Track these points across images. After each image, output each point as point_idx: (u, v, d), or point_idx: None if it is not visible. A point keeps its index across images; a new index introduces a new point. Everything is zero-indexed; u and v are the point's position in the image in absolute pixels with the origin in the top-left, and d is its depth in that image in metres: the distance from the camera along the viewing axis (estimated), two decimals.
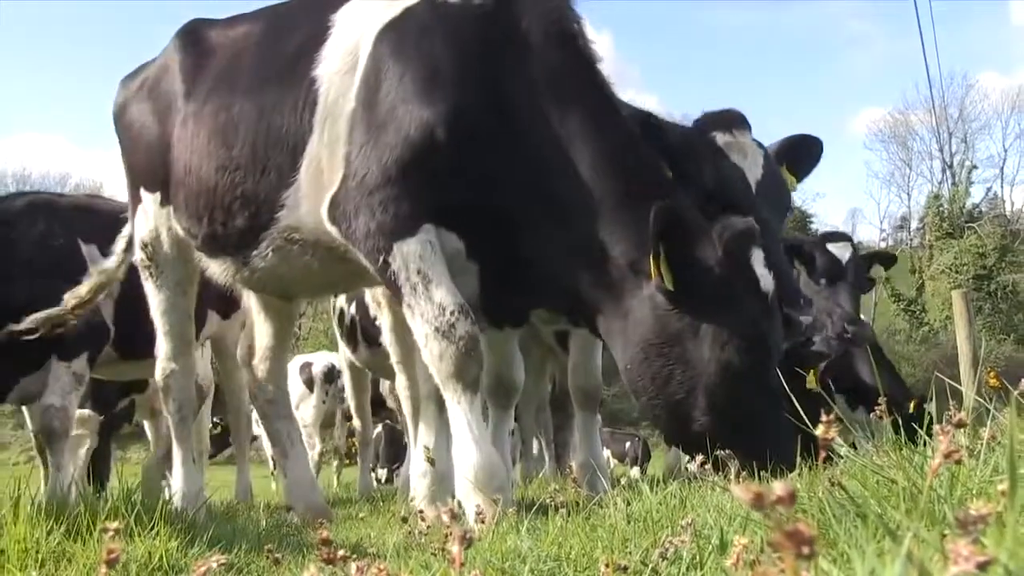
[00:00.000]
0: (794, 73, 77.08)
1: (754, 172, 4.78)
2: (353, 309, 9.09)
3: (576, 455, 5.69)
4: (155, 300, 5.74)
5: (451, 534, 1.06)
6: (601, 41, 4.58)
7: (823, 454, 1.38)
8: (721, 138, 4.84)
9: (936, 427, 2.29)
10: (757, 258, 4.00)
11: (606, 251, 4.07)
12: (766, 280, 3.99)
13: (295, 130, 4.59)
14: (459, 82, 4.23)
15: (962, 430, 1.73)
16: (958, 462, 1.49)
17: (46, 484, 6.08)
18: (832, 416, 1.36)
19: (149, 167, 5.54)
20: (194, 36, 5.52)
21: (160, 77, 5.58)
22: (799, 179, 4.67)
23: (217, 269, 5.26)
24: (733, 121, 4.92)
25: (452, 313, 4.10)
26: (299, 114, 4.58)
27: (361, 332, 9.00)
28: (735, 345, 3.91)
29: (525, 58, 4.26)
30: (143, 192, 5.64)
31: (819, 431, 1.31)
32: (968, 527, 0.89)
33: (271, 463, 13.46)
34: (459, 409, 4.12)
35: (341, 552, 1.36)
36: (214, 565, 1.29)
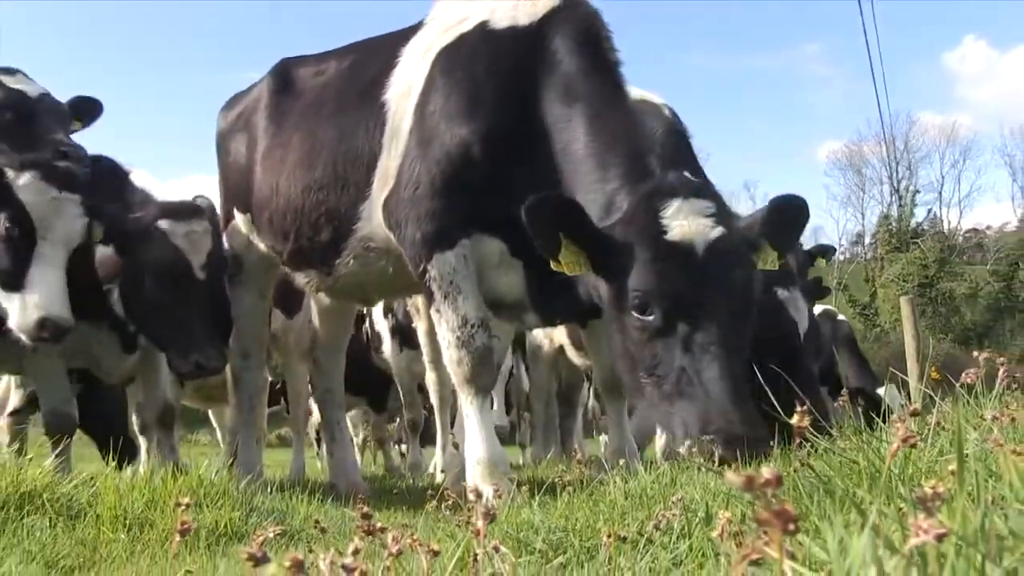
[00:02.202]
0: (764, 110, 77.16)
1: (802, 325, 4.96)
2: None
3: (609, 442, 5.46)
4: (238, 304, 5.74)
5: (475, 510, 1.05)
6: None
7: (797, 440, 1.36)
8: (781, 293, 4.91)
9: (893, 415, 2.28)
10: (679, 209, 3.41)
11: None
12: (682, 229, 3.38)
13: (368, 148, 4.53)
14: (496, 101, 4.10)
15: (919, 419, 1.70)
16: (913, 446, 1.48)
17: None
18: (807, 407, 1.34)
19: (241, 191, 5.53)
20: (284, 74, 5.47)
21: (253, 110, 5.55)
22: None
23: (303, 280, 5.23)
24: (789, 279, 5.01)
25: (473, 326, 4.07)
26: (371, 134, 4.52)
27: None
28: (634, 305, 3.42)
29: (552, 72, 4.08)
30: (235, 211, 5.64)
31: (794, 420, 1.29)
32: (927, 504, 0.87)
33: (315, 445, 13.42)
34: (470, 409, 4.10)
35: (379, 524, 1.34)
36: (271, 534, 1.28)
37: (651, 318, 3.38)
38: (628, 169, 3.71)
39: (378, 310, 8.62)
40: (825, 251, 7.70)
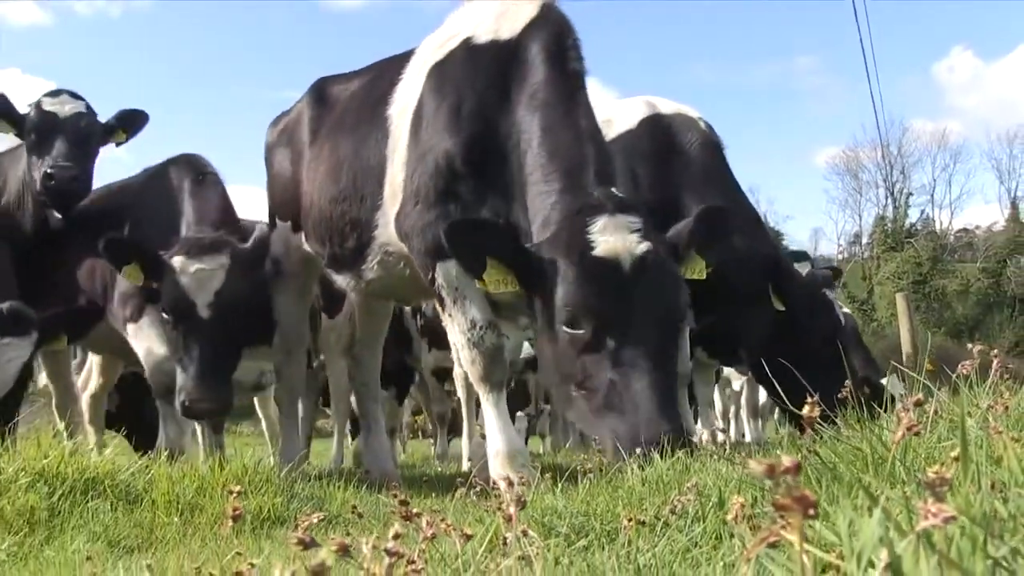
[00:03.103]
0: (764, 120, 76.73)
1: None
2: None
3: None
4: (280, 304, 5.76)
5: (506, 497, 1.05)
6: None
7: (808, 430, 1.35)
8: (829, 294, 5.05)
9: (898, 405, 2.25)
10: (605, 225, 3.35)
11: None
12: (608, 244, 3.32)
13: (377, 161, 4.53)
14: (476, 115, 4.05)
15: (918, 408, 1.68)
16: (916, 434, 1.46)
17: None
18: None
19: (283, 200, 5.58)
20: (319, 92, 5.49)
21: (295, 125, 5.58)
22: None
23: (341, 281, 5.25)
24: (829, 283, 5.16)
25: (481, 328, 4.04)
26: (379, 147, 4.53)
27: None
28: (562, 320, 3.36)
29: (523, 81, 4.01)
30: (278, 219, 5.69)
31: (804, 410, 1.28)
32: (935, 488, 0.86)
33: (349, 437, 13.47)
34: (487, 404, 4.08)
35: (415, 510, 1.34)
36: (314, 520, 1.28)
37: (580, 332, 3.32)
38: (564, 184, 3.65)
39: (408, 310, 8.62)
40: (837, 272, 7.76)
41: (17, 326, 4.76)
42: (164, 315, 4.91)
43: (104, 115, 5.83)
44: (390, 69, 4.82)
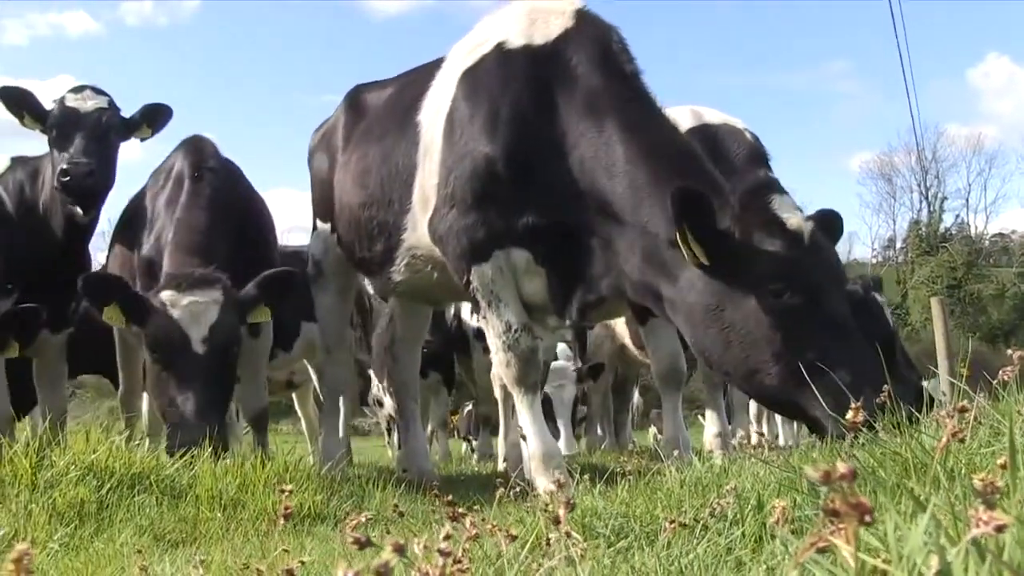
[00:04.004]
0: (798, 125, 75.66)
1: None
2: None
3: (664, 431, 5.41)
4: (320, 304, 5.82)
5: (555, 499, 1.05)
6: None
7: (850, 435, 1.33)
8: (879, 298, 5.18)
9: (942, 412, 2.21)
10: (780, 203, 3.50)
11: (652, 237, 3.63)
12: (793, 219, 3.44)
13: (407, 166, 4.56)
14: (516, 120, 4.05)
15: (963, 415, 1.65)
16: (961, 441, 1.44)
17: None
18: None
19: (322, 202, 5.65)
20: (355, 98, 5.57)
21: (331, 131, 5.66)
22: None
23: (371, 283, 5.32)
24: (878, 287, 5.41)
25: (516, 331, 4.07)
26: (409, 153, 4.56)
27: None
28: (773, 291, 3.34)
29: (572, 87, 4.00)
30: (318, 221, 5.77)
31: (848, 416, 1.26)
32: (987, 496, 0.84)
33: (386, 434, 13.53)
34: (522, 407, 4.11)
35: (460, 510, 1.34)
36: (363, 519, 1.28)
37: (794, 301, 3.35)
38: (681, 170, 3.66)
39: (467, 310, 8.62)
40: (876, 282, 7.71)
41: None
42: (150, 355, 4.61)
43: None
44: (421, 76, 4.86)
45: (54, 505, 3.38)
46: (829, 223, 3.75)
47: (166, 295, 4.56)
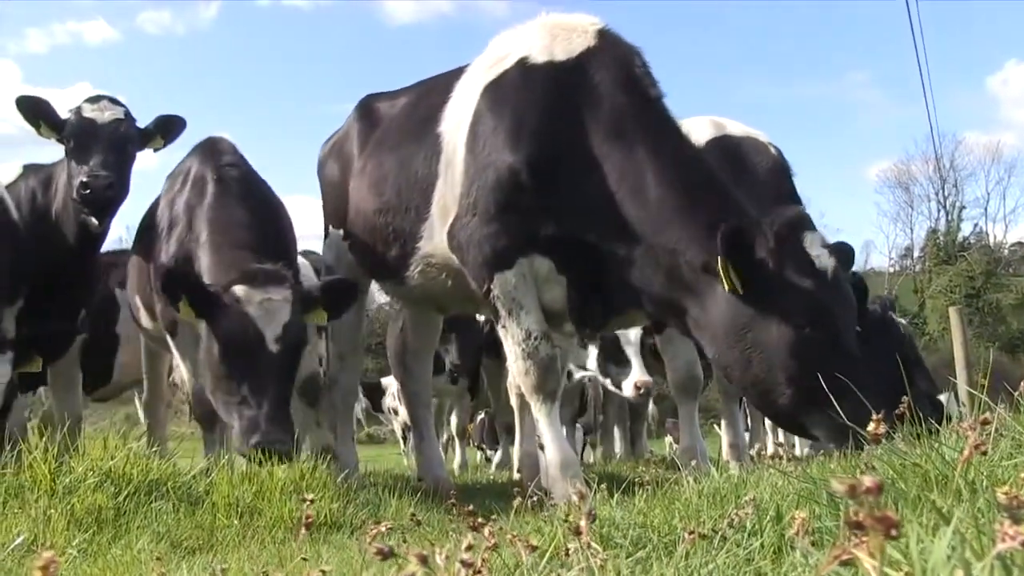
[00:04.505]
0: (816, 134, 75.19)
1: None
2: None
3: (681, 440, 5.41)
4: None
5: (577, 509, 1.04)
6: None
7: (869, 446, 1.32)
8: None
9: (956, 421, 2.19)
10: (811, 240, 3.69)
11: (680, 258, 3.78)
12: (822, 258, 3.65)
13: (426, 176, 4.62)
14: (540, 132, 4.14)
15: (985, 427, 1.63)
16: (984, 453, 1.43)
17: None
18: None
19: (335, 210, 5.69)
20: (367, 108, 5.64)
21: (344, 140, 5.72)
22: None
23: (384, 289, 5.38)
24: (893, 306, 5.52)
25: (536, 338, 4.10)
26: (429, 163, 4.61)
27: None
28: (798, 322, 3.56)
29: (596, 105, 4.10)
30: (331, 228, 5.81)
31: (869, 428, 1.25)
32: (1012, 509, 0.83)
33: (402, 442, 13.54)
34: (540, 415, 4.14)
35: (479, 519, 1.34)
36: (383, 528, 1.28)
37: (820, 335, 3.58)
38: (722, 202, 3.84)
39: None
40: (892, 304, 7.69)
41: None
42: (217, 350, 4.41)
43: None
44: (437, 88, 4.92)
45: (72, 511, 3.40)
46: (844, 255, 3.88)
47: (239, 290, 4.37)
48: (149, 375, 6.43)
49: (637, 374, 7.55)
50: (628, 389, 7.63)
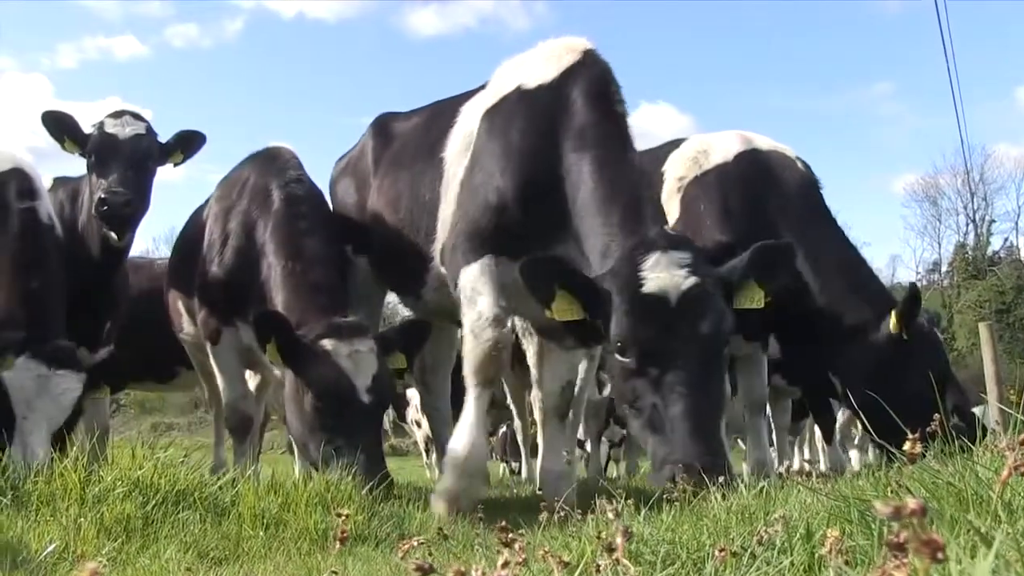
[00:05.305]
0: (841, 145, 74.68)
1: None
2: None
3: (749, 453, 5.46)
4: None
5: (614, 526, 1.04)
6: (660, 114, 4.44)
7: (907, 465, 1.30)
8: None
9: (990, 438, 2.16)
10: (656, 262, 3.54)
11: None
12: (654, 283, 3.51)
13: (432, 198, 4.76)
14: (527, 153, 4.25)
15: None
16: (1023, 474, 1.40)
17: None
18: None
19: (349, 225, 5.74)
20: (382, 126, 5.74)
21: (359, 157, 5.82)
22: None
23: (402, 300, 5.54)
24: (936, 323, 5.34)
25: (486, 320, 4.17)
26: (435, 186, 4.75)
27: None
28: (616, 348, 3.59)
29: (569, 122, 4.19)
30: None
31: (906, 446, 1.24)
32: None
33: (424, 455, 13.55)
34: (469, 398, 4.24)
35: (511, 535, 1.34)
36: (415, 543, 1.29)
37: (628, 361, 3.53)
38: (622, 220, 3.82)
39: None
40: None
41: (71, 361, 4.76)
42: (309, 402, 4.50)
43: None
44: (446, 112, 5.05)
45: (102, 520, 3.42)
46: (764, 259, 3.78)
47: (329, 343, 4.47)
48: (207, 382, 6.52)
49: None
50: None
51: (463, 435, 4.23)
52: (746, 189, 5.17)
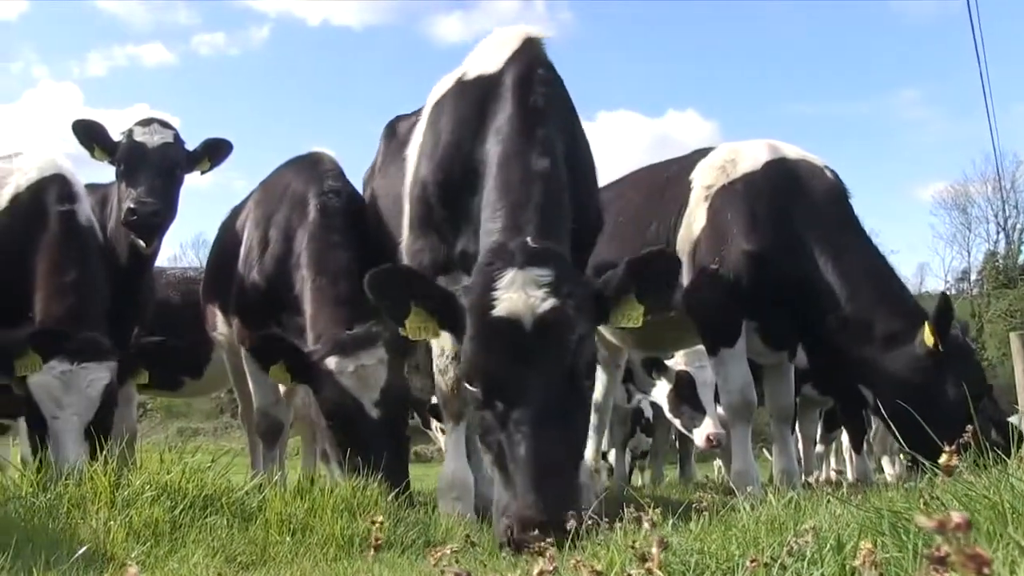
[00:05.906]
0: (868, 152, 74.00)
1: None
2: None
3: (733, 464, 5.35)
4: None
5: (649, 538, 1.04)
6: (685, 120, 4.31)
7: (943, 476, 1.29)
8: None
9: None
10: (512, 280, 3.19)
11: None
12: (504, 304, 3.15)
13: (397, 198, 4.71)
14: (452, 145, 4.13)
15: None
16: None
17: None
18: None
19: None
20: (391, 127, 5.71)
21: (376, 159, 5.80)
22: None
23: None
24: (966, 330, 5.44)
25: (448, 356, 4.06)
26: (402, 183, 4.67)
27: None
28: (462, 375, 3.44)
29: (496, 114, 4.00)
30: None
31: (942, 459, 1.22)
32: None
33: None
34: (446, 430, 4.32)
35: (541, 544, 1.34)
36: (448, 552, 1.29)
37: (475, 390, 3.21)
38: (504, 224, 3.55)
39: None
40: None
41: (96, 352, 4.79)
42: (325, 421, 4.54)
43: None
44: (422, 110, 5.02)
45: (131, 523, 3.46)
46: (642, 271, 3.42)
47: (332, 362, 4.46)
48: (238, 387, 6.58)
49: (710, 426, 7.27)
50: (700, 439, 7.41)
51: (446, 466, 4.36)
52: (774, 198, 5.12)
